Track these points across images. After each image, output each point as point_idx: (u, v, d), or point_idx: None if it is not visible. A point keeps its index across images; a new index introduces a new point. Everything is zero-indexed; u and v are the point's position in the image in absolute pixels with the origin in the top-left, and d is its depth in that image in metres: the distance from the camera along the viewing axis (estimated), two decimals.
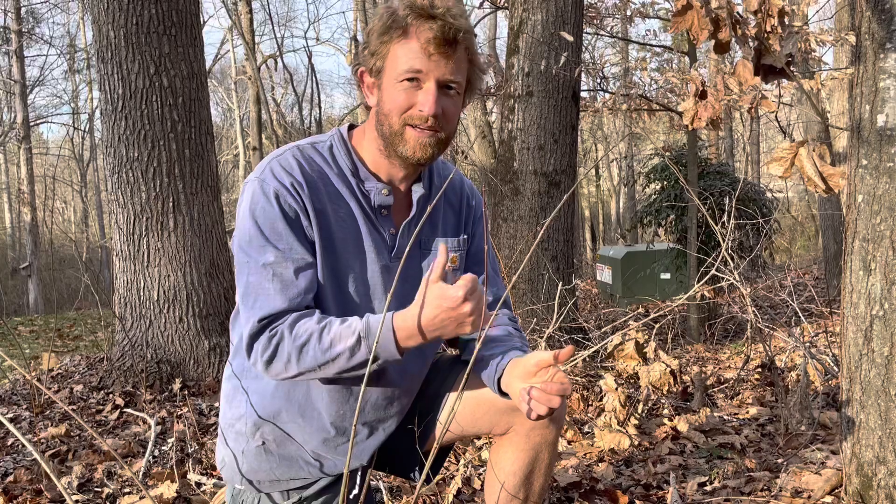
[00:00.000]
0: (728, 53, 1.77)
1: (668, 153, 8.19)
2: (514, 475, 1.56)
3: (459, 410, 1.56)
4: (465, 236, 1.63)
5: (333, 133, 1.54)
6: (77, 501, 2.49)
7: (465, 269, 1.64)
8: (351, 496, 1.57)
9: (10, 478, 2.73)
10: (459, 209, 1.64)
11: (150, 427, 3.38)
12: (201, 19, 6.52)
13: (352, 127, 1.57)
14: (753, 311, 3.77)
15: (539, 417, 1.33)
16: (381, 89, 1.44)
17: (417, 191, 1.54)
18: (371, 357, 1.34)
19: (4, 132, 21.38)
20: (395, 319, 1.35)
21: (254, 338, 1.40)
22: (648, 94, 7.07)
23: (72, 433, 3.33)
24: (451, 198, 1.64)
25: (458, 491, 2.34)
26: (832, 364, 3.45)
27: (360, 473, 1.59)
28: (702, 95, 1.91)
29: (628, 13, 6.80)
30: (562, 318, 3.73)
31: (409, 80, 1.40)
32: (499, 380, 1.45)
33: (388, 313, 1.36)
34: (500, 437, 1.58)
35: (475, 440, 2.80)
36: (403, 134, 1.43)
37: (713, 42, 1.65)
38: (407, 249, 1.35)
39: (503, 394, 1.45)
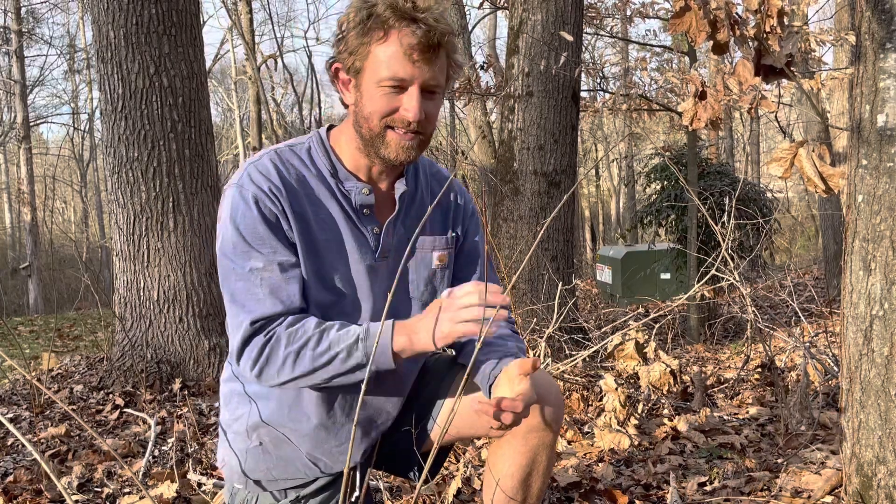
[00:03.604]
0: (728, 53, 1.77)
1: (668, 153, 8.19)
2: (511, 477, 1.55)
3: (457, 412, 1.56)
4: (454, 234, 1.62)
5: (312, 135, 1.53)
6: (77, 501, 2.49)
7: (456, 267, 1.64)
8: (353, 498, 1.57)
9: (10, 478, 2.73)
10: (447, 207, 1.63)
11: (150, 427, 3.38)
12: (201, 19, 6.52)
13: (331, 127, 1.56)
14: (753, 311, 3.77)
15: (501, 427, 1.34)
16: (361, 90, 1.42)
17: (399, 188, 1.52)
18: (367, 360, 1.36)
19: (4, 132, 21.38)
20: (395, 324, 1.38)
21: (246, 342, 1.39)
22: (648, 94, 7.08)
23: (72, 433, 3.33)
24: (437, 195, 1.62)
25: (458, 491, 2.34)
26: (832, 364, 3.44)
27: (359, 473, 1.59)
28: (701, 96, 1.91)
29: (628, 13, 6.80)
30: (562, 318, 3.73)
31: (392, 86, 1.38)
32: (490, 385, 1.46)
33: (389, 321, 1.38)
34: (498, 439, 1.58)
35: (475, 440, 2.80)
36: (385, 136, 1.42)
37: (711, 43, 1.65)
38: (409, 246, 1.35)
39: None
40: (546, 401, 1.52)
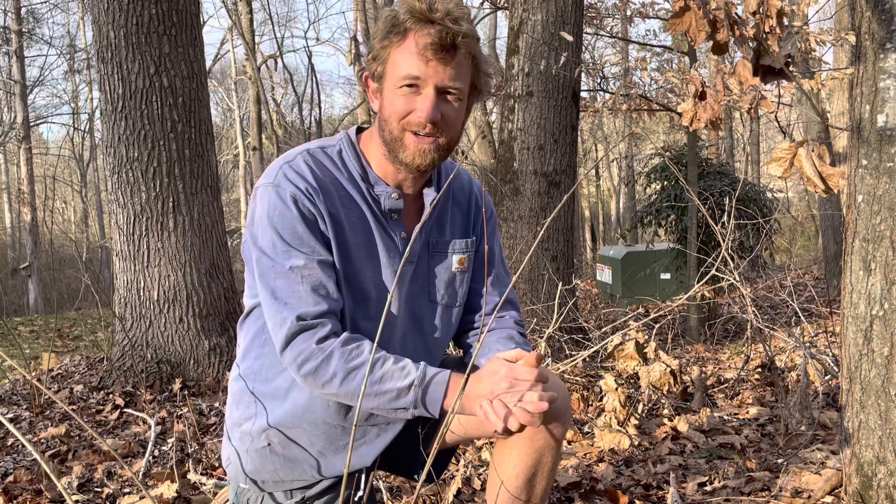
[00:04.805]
0: (728, 53, 1.77)
1: (668, 153, 8.19)
2: (516, 478, 1.55)
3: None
4: (475, 237, 1.64)
5: (342, 136, 1.54)
6: (77, 501, 2.49)
7: (472, 269, 1.65)
8: (356, 498, 1.57)
9: (10, 478, 2.73)
10: (468, 210, 1.64)
11: (150, 427, 3.38)
12: (201, 19, 6.52)
13: (360, 130, 1.57)
14: (753, 311, 3.77)
15: (507, 432, 1.33)
16: (383, 95, 1.44)
17: (430, 194, 1.54)
18: (414, 407, 1.37)
19: (4, 132, 21.38)
20: (452, 378, 1.38)
21: (291, 338, 1.40)
22: (648, 94, 7.08)
23: (72, 433, 3.33)
24: (459, 199, 1.64)
25: (459, 491, 2.34)
26: (832, 364, 3.44)
27: (364, 475, 1.59)
28: (701, 96, 1.91)
29: (628, 13, 6.80)
30: (562, 318, 3.73)
31: (408, 86, 1.40)
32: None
33: (447, 371, 1.38)
34: (503, 439, 1.58)
35: (475, 441, 2.80)
36: (403, 139, 1.43)
37: (711, 43, 1.65)
38: (408, 249, 1.35)
39: None
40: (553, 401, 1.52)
